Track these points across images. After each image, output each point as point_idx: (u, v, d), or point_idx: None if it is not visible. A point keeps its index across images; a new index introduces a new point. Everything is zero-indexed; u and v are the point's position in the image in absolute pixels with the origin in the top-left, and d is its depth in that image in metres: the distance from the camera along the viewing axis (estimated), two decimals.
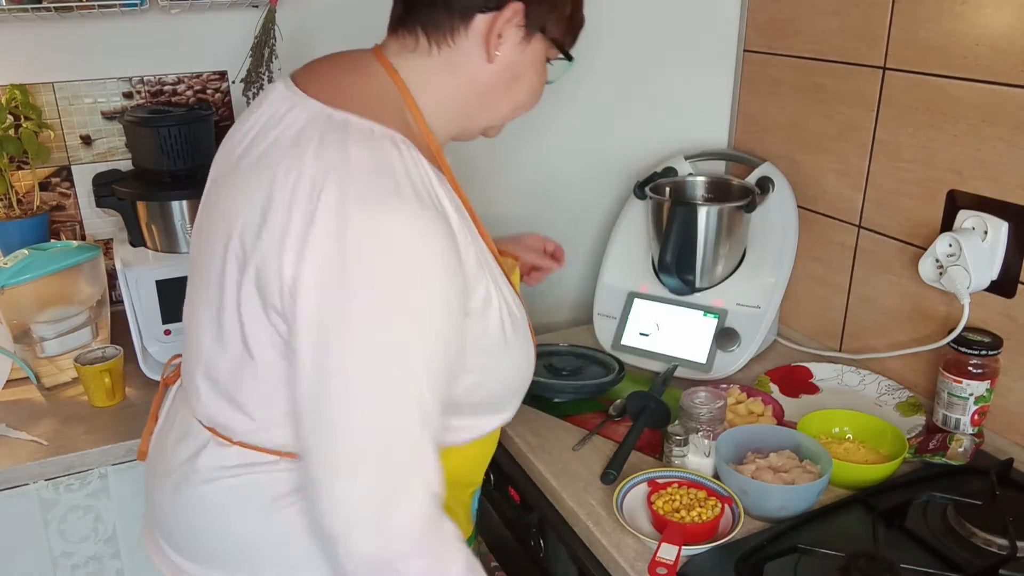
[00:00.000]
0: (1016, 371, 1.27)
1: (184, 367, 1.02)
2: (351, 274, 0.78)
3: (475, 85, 0.94)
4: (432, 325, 0.82)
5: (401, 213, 0.79)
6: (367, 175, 0.80)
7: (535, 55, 0.95)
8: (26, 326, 1.41)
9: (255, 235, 0.83)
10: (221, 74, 1.67)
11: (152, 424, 1.10)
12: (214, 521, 0.94)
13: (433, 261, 0.81)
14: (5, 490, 1.23)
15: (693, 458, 1.18)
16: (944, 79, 1.31)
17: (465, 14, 0.89)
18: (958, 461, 1.16)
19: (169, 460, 1.00)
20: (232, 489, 0.93)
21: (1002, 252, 1.26)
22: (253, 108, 0.96)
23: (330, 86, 0.90)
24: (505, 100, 0.97)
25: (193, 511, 0.96)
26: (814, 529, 1.05)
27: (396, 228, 0.79)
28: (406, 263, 0.79)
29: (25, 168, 1.58)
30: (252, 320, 0.86)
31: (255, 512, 0.92)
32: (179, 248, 1.47)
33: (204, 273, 0.92)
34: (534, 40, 0.93)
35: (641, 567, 1.02)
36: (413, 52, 0.92)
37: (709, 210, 1.46)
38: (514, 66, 0.94)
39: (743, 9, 1.72)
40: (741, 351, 1.46)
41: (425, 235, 0.80)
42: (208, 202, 0.97)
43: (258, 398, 0.91)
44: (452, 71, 0.92)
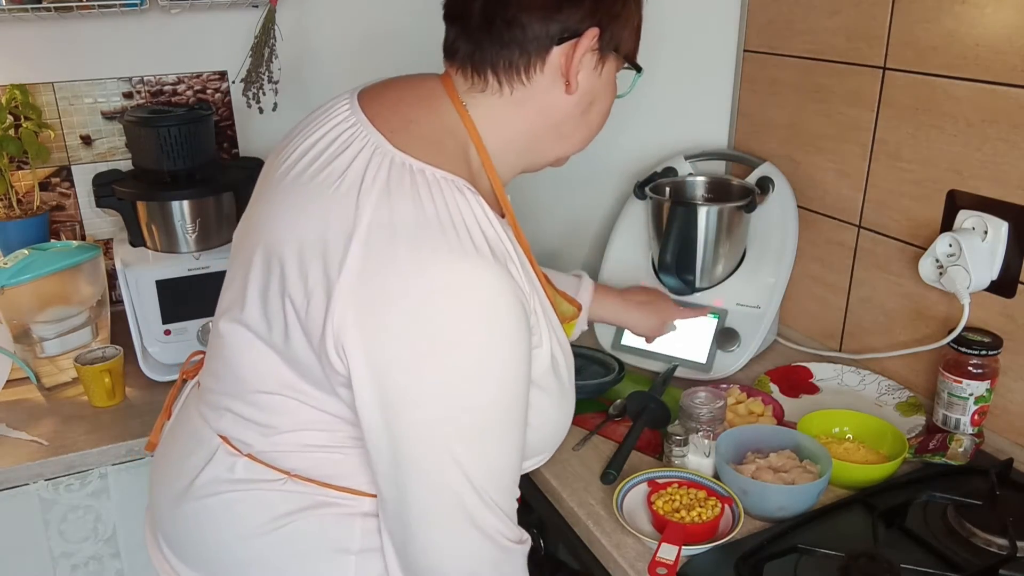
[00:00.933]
0: (1016, 371, 1.27)
1: (206, 371, 0.98)
2: (423, 340, 0.76)
3: (551, 119, 0.90)
4: (510, 384, 0.81)
5: (474, 269, 0.77)
6: (437, 230, 0.77)
7: (609, 75, 0.92)
8: (26, 326, 1.41)
9: (303, 271, 0.80)
10: (221, 74, 1.67)
11: (164, 418, 1.08)
12: (214, 533, 0.92)
13: (510, 319, 0.78)
14: (5, 490, 1.23)
15: (693, 458, 1.18)
16: (944, 79, 1.31)
17: (540, 49, 0.85)
18: (958, 461, 1.16)
19: (176, 463, 0.97)
20: (234, 503, 0.91)
21: (1002, 252, 1.26)
22: (317, 123, 0.90)
23: (397, 119, 0.85)
24: (580, 128, 0.93)
25: (194, 521, 0.94)
26: (814, 529, 1.05)
27: (469, 284, 0.76)
28: (483, 324, 0.77)
29: (25, 168, 1.58)
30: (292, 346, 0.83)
31: (256, 528, 0.90)
32: (179, 248, 1.47)
33: (245, 286, 0.88)
34: (608, 60, 0.90)
35: (641, 567, 1.02)
36: (483, 92, 0.88)
37: (709, 210, 1.46)
38: (592, 92, 0.90)
39: (743, 9, 1.72)
40: (741, 351, 1.46)
41: (499, 290, 0.78)
42: (254, 212, 0.93)
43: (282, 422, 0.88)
44: (526, 108, 0.88)
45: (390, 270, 0.75)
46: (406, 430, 0.79)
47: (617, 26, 0.88)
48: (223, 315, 0.92)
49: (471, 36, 0.87)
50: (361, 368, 0.77)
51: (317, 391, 0.84)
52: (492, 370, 0.79)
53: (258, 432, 0.89)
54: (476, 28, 0.86)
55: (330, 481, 0.89)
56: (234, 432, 0.91)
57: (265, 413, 0.89)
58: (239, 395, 0.90)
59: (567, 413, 0.97)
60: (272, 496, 0.89)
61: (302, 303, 0.80)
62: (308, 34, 1.64)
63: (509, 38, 0.84)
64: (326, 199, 0.81)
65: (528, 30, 0.84)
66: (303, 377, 0.84)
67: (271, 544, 0.89)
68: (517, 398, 0.82)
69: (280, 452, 0.89)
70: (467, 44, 0.87)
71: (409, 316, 0.75)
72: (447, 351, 0.76)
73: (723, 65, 1.78)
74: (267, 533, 0.89)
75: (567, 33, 0.85)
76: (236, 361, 0.90)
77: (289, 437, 0.88)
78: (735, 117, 1.79)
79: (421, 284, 0.75)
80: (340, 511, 0.89)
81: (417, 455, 0.80)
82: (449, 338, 0.76)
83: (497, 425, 0.81)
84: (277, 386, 0.86)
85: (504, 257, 0.80)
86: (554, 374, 0.91)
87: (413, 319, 0.75)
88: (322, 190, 0.82)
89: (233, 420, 0.91)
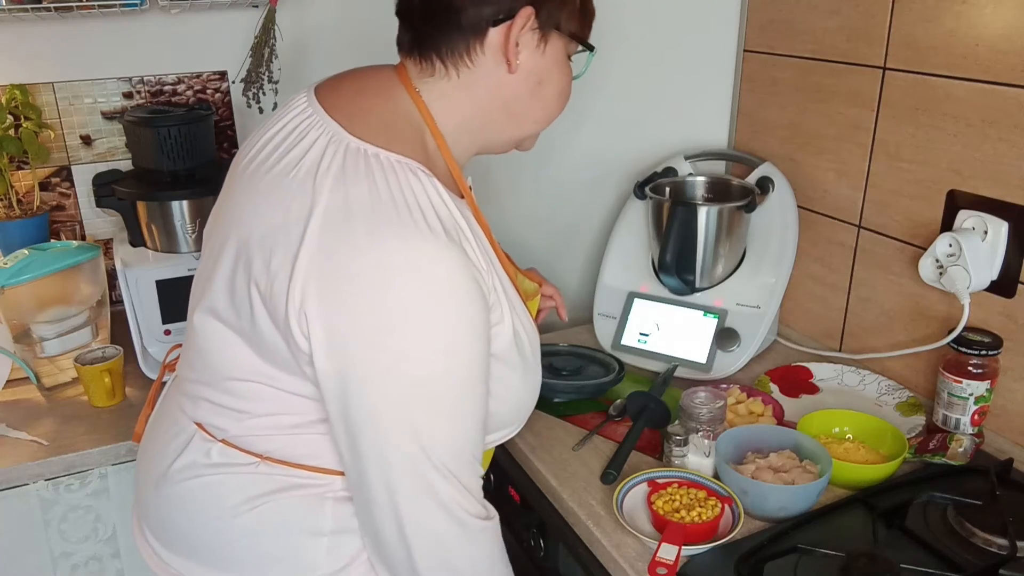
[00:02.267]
0: (1016, 371, 1.27)
1: (183, 362, 1.02)
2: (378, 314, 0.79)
3: (499, 99, 0.93)
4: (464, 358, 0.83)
5: (427, 246, 0.79)
6: (391, 210, 0.80)
7: (555, 54, 0.93)
8: (26, 326, 1.41)
9: (265, 256, 0.83)
10: (221, 74, 1.67)
11: (148, 409, 1.12)
12: (191, 515, 0.96)
13: (463, 294, 0.81)
14: (5, 490, 1.23)
15: (693, 458, 1.18)
16: (944, 79, 1.31)
17: (477, 31, 0.88)
18: (958, 461, 1.16)
19: (156, 451, 1.01)
20: (209, 486, 0.94)
21: (1002, 252, 1.26)
22: (276, 118, 0.95)
23: (352, 108, 0.89)
24: (532, 108, 0.96)
25: (172, 504, 0.97)
26: (814, 529, 1.05)
27: (423, 261, 0.79)
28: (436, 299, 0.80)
29: (25, 168, 1.58)
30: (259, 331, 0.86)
31: (230, 509, 0.93)
32: (179, 248, 1.47)
33: (213, 276, 0.92)
34: (551, 39, 0.92)
35: (641, 567, 1.02)
36: (432, 77, 0.91)
37: (709, 210, 1.46)
38: (537, 71, 0.92)
39: (743, 9, 1.72)
40: (741, 351, 1.46)
41: (453, 267, 0.80)
42: (220, 206, 0.97)
43: (254, 407, 0.91)
44: (474, 90, 0.92)
45: (346, 248, 0.79)
46: (363, 401, 0.81)
47: (553, 5, 0.90)
48: (195, 307, 0.95)
49: (415, 25, 0.92)
50: (321, 340, 0.80)
51: (285, 374, 0.87)
52: (446, 344, 0.81)
53: (232, 418, 0.93)
54: (419, 17, 0.91)
55: (302, 462, 0.92)
56: (209, 419, 0.95)
57: (237, 399, 0.92)
58: (213, 383, 0.94)
59: (533, 387, 1.00)
60: (245, 479, 0.92)
61: (266, 286, 0.83)
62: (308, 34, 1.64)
63: (447, 23, 0.89)
64: (285, 187, 0.85)
65: (463, 14, 0.88)
66: (271, 362, 0.87)
67: (245, 525, 0.92)
68: (473, 372, 0.84)
69: (253, 436, 0.92)
70: (413, 33, 0.92)
71: (365, 291, 0.78)
72: (402, 325, 0.79)
73: (723, 65, 1.78)
74: (241, 515, 0.92)
75: (501, 14, 0.88)
76: (208, 351, 0.93)
77: (261, 421, 0.91)
78: (735, 117, 1.79)
79: (376, 261, 0.78)
80: (311, 492, 0.92)
81: (374, 427, 0.82)
82: (403, 313, 0.79)
83: (453, 399, 0.84)
84: (248, 373, 0.90)
85: (458, 236, 0.83)
86: (517, 349, 0.93)
87: (368, 294, 0.78)
88: (281, 179, 0.86)
89: (208, 408, 0.95)
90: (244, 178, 0.92)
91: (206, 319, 0.92)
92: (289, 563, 0.93)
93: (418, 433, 0.82)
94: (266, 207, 0.86)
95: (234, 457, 0.93)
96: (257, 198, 0.88)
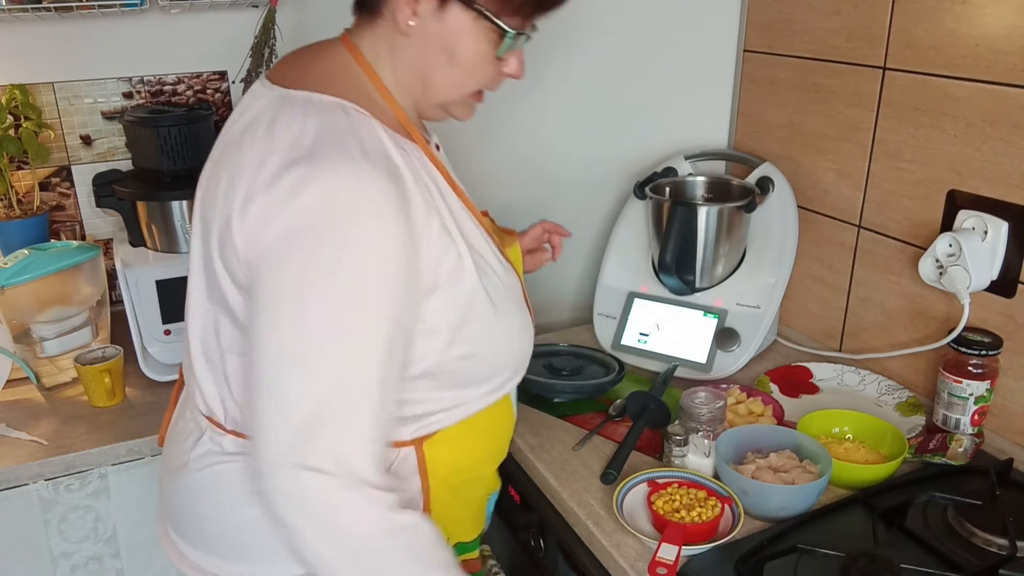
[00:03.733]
0: (1016, 371, 1.27)
1: (185, 358, 1.04)
2: (298, 237, 0.81)
3: (408, 61, 0.93)
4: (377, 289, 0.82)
5: (350, 172, 0.81)
6: (314, 141, 0.83)
7: (460, 26, 0.90)
8: (26, 326, 1.41)
9: (224, 218, 0.87)
10: (221, 74, 1.67)
11: (171, 411, 1.13)
12: (209, 507, 0.98)
13: (381, 220, 0.82)
14: (5, 490, 1.23)
15: (693, 458, 1.18)
16: (944, 79, 1.31)
17: None
18: (958, 461, 1.16)
19: (175, 448, 1.04)
20: (223, 475, 0.96)
21: (1002, 252, 1.26)
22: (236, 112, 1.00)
23: (294, 72, 0.93)
24: (446, 76, 0.94)
25: (190, 497, 0.99)
26: (814, 529, 1.05)
27: (344, 187, 0.81)
28: (353, 224, 0.81)
29: (25, 168, 1.58)
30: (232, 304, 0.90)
31: (246, 498, 0.93)
32: (179, 248, 1.47)
33: (195, 263, 0.97)
34: (452, 9, 0.89)
35: (641, 567, 1.02)
36: (364, 28, 0.95)
37: (709, 210, 1.46)
38: (437, 38, 0.91)
39: (743, 9, 1.72)
40: (741, 351, 1.46)
41: (374, 193, 0.82)
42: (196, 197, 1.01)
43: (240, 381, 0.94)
44: (392, 44, 0.93)
45: (268, 190, 0.82)
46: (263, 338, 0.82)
47: None
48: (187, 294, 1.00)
49: None
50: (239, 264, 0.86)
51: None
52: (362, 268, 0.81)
53: (232, 403, 0.96)
54: None
55: None
56: (216, 408, 0.98)
57: (229, 379, 0.95)
58: (210, 367, 0.97)
59: (516, 331, 1.01)
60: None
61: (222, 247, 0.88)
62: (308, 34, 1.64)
63: None
64: (230, 153, 0.90)
65: None
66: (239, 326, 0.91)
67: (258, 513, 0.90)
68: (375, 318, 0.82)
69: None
70: None
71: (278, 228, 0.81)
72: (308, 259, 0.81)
73: (723, 65, 1.78)
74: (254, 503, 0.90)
75: None
76: (198, 330, 0.97)
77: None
78: (735, 117, 1.79)
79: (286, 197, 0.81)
80: None
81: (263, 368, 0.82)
82: (308, 243, 0.80)
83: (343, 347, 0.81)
84: (229, 343, 0.93)
85: (387, 167, 0.84)
86: (487, 293, 0.94)
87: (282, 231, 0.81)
88: (227, 148, 0.92)
89: (211, 395, 0.98)
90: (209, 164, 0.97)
91: (193, 301, 0.97)
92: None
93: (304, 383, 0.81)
94: (218, 178, 0.90)
95: (245, 446, 0.94)
96: (215, 176, 0.92)
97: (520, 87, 1.73)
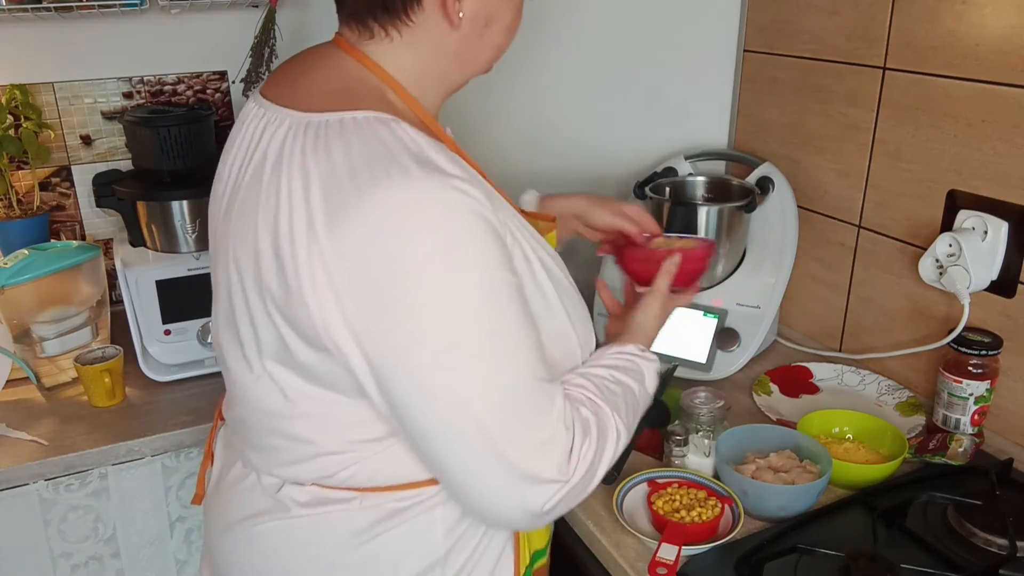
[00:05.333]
0: (1016, 371, 1.27)
1: (231, 410, 0.97)
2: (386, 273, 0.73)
3: (448, 51, 0.88)
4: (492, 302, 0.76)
5: (417, 189, 0.73)
6: (369, 162, 0.75)
7: None
8: (26, 326, 1.41)
9: (274, 271, 0.78)
10: (221, 74, 1.67)
11: (207, 463, 1.05)
12: (290, 561, 0.90)
13: (471, 230, 0.75)
14: (5, 490, 1.23)
15: (693, 458, 1.18)
16: (944, 79, 1.31)
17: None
18: (958, 461, 1.16)
19: (235, 507, 0.95)
20: (315, 526, 0.89)
21: (1002, 252, 1.26)
22: (233, 136, 0.91)
23: (300, 91, 0.85)
24: (483, 48, 0.90)
25: (266, 552, 0.91)
26: (814, 529, 1.05)
27: (417, 205, 0.73)
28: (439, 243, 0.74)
29: (25, 168, 1.58)
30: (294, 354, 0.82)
31: (331, 550, 0.88)
32: (179, 248, 1.47)
33: (231, 318, 0.87)
34: None
35: (641, 567, 1.02)
36: (372, 40, 0.87)
37: (709, 210, 1.46)
38: (485, 14, 0.87)
39: (743, 9, 1.72)
40: (741, 351, 1.46)
41: (452, 204, 0.74)
42: (215, 239, 0.92)
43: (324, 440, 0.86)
44: (420, 47, 0.87)
45: (338, 219, 0.73)
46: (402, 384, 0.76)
47: None
48: (226, 351, 0.91)
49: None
50: (344, 334, 0.76)
51: (334, 393, 0.83)
52: (464, 294, 0.75)
53: (309, 461, 0.87)
54: None
55: (397, 482, 0.87)
56: (288, 471, 0.90)
57: (304, 439, 0.87)
58: (274, 429, 0.89)
59: (582, 319, 0.94)
60: (345, 516, 0.88)
61: (282, 298, 0.78)
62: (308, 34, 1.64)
63: None
64: (262, 191, 0.80)
65: None
66: (315, 382, 0.83)
67: (355, 561, 0.88)
68: (505, 317, 0.77)
69: (338, 471, 0.87)
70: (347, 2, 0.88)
71: (366, 260, 0.73)
72: (413, 286, 0.73)
73: (723, 65, 1.78)
74: (345, 553, 0.88)
75: None
76: (257, 398, 0.88)
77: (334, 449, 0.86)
78: (735, 117, 1.79)
79: (368, 219, 0.73)
80: (416, 512, 0.88)
81: (422, 411, 0.77)
82: (410, 269, 0.73)
83: (491, 351, 0.76)
84: (301, 400, 0.85)
85: (453, 170, 0.77)
86: (554, 288, 0.88)
87: (370, 262, 0.73)
88: (255, 186, 0.82)
89: (279, 455, 0.90)
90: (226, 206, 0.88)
91: (240, 366, 0.88)
92: None
93: (464, 401, 0.76)
94: (254, 221, 0.81)
95: (329, 495, 0.88)
96: (243, 219, 0.83)
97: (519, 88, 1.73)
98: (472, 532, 0.91)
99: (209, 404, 1.36)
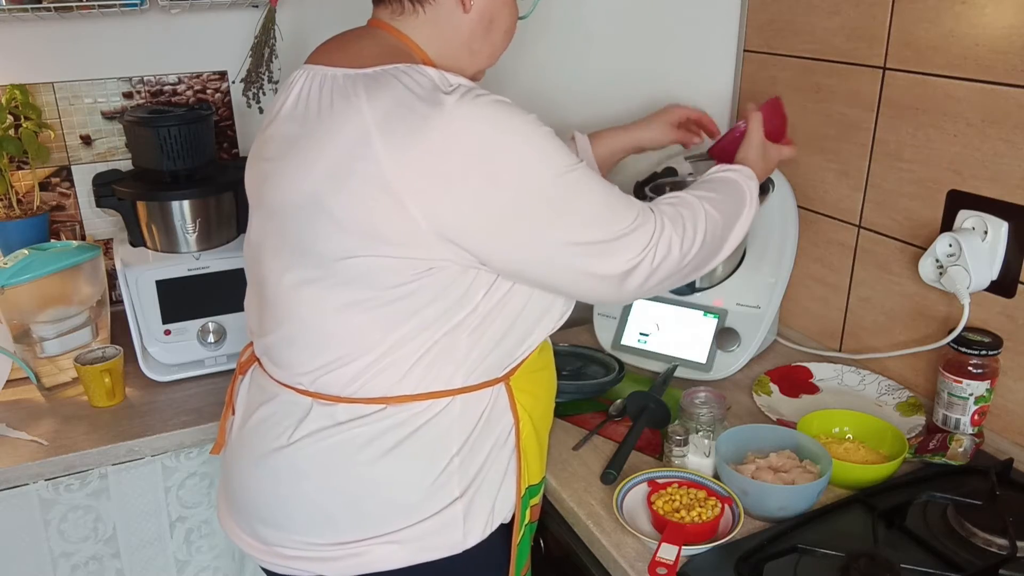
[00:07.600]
0: (1016, 371, 1.27)
1: (263, 345, 1.04)
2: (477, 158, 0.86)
3: (461, 36, 1.00)
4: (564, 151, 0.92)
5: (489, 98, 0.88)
6: (432, 91, 0.87)
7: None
8: (26, 326, 1.41)
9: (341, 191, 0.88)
10: (221, 74, 1.67)
11: (228, 413, 1.11)
12: (322, 480, 0.97)
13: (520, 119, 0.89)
14: (5, 490, 1.23)
15: (693, 458, 1.18)
16: (944, 79, 1.31)
17: None
18: (958, 461, 1.16)
19: (263, 439, 1.01)
20: (341, 444, 0.96)
21: (1002, 252, 1.26)
22: (280, 99, 1.01)
23: (346, 56, 0.96)
24: (485, 45, 1.02)
25: (297, 477, 0.98)
26: (814, 529, 1.05)
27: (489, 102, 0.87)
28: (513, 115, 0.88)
29: (25, 168, 1.58)
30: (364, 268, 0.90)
31: (365, 464, 0.96)
32: (179, 248, 1.47)
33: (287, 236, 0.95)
34: None
35: (641, 567, 1.02)
36: (402, 15, 0.98)
37: None
38: (490, 11, 0.99)
39: (743, 9, 1.72)
40: (741, 351, 1.46)
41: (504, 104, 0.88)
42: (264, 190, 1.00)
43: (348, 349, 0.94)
44: (440, 26, 0.98)
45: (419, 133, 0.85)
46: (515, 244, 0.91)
47: None
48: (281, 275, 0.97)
49: None
50: (453, 221, 0.87)
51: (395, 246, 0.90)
52: (546, 149, 0.90)
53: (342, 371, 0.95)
54: None
55: (420, 391, 0.96)
56: (324, 386, 0.97)
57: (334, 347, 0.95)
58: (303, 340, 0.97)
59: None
60: (377, 428, 0.96)
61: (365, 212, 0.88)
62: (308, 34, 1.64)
63: None
64: (327, 133, 0.90)
65: None
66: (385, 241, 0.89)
67: (387, 471, 0.96)
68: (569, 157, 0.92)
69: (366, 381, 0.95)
70: None
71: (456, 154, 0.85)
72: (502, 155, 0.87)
73: (723, 65, 1.78)
74: (378, 464, 0.96)
75: None
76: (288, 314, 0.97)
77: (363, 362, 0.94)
78: (735, 117, 1.79)
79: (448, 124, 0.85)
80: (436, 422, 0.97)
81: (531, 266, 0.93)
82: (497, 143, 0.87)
83: (576, 182, 0.91)
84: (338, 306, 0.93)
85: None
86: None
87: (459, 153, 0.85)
88: (317, 129, 0.92)
89: (321, 375, 0.97)
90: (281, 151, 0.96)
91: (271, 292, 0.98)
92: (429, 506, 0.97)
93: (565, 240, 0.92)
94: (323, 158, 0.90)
95: (360, 411, 0.96)
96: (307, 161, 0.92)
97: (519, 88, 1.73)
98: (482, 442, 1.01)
99: (209, 404, 1.36)
